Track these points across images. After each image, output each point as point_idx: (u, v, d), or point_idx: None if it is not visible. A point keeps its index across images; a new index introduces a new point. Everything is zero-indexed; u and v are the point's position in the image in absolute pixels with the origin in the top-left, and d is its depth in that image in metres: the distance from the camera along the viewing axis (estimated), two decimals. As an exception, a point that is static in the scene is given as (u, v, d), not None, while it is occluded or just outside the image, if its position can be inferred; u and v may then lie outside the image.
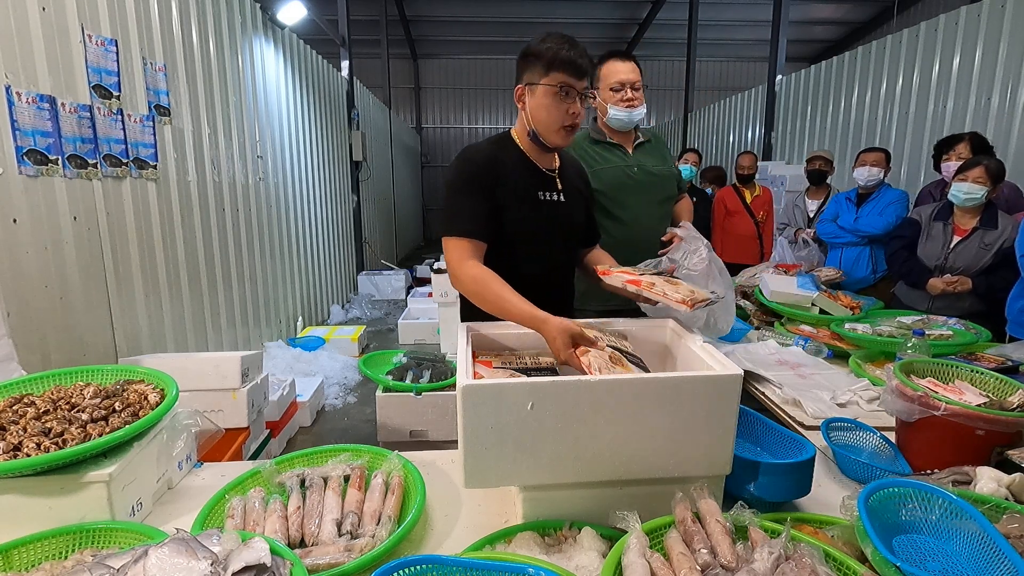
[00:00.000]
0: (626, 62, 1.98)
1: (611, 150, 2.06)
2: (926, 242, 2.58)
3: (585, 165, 2.00)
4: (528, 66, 1.40)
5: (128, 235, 2.68)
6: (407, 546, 1.00)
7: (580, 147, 2.06)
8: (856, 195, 3.27)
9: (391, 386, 3.19)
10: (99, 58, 2.49)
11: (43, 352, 2.15)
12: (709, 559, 0.82)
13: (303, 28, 5.52)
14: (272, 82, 4.57)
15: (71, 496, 1.00)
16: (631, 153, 2.08)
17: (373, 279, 7.10)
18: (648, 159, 2.10)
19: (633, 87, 1.98)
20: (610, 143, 2.06)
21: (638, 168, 2.06)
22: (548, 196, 1.49)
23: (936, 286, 2.44)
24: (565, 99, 1.38)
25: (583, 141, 2.09)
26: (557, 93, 1.36)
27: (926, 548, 0.89)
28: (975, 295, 2.40)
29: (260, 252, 4.26)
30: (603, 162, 2.04)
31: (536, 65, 1.38)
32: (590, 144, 2.08)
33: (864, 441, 1.37)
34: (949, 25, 4.50)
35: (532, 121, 1.42)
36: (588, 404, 0.92)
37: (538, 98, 1.39)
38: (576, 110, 1.40)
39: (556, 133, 1.41)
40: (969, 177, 2.43)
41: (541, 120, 1.40)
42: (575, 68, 1.36)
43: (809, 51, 13.10)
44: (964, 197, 2.44)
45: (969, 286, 2.38)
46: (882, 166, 3.17)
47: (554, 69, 1.35)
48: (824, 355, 2.10)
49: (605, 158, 2.05)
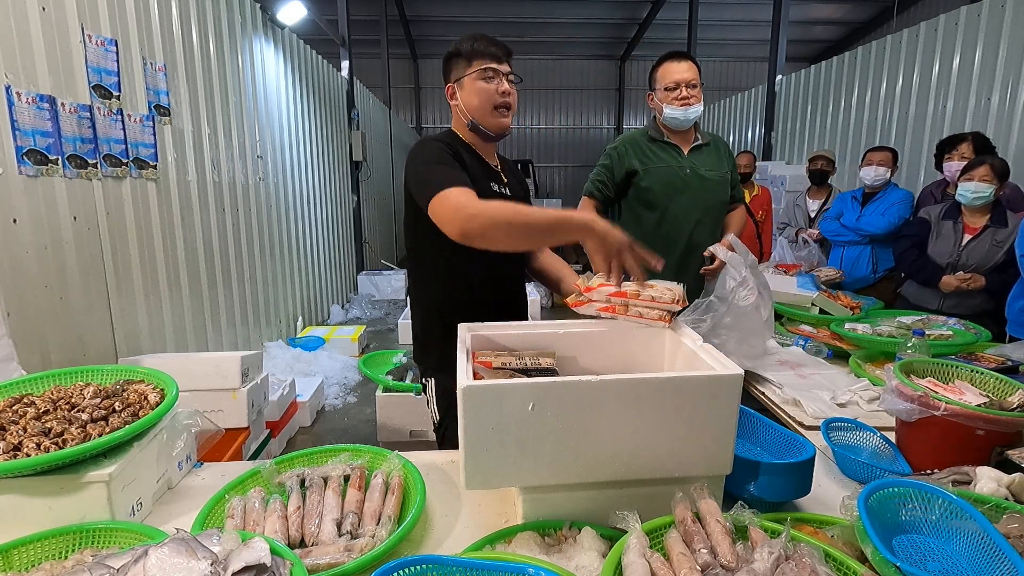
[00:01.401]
0: (681, 62, 2.02)
1: (666, 149, 2.08)
2: (936, 241, 2.58)
3: (638, 162, 2.04)
4: (452, 66, 1.50)
5: (128, 235, 2.68)
6: (407, 546, 1.00)
7: (636, 143, 2.09)
8: (862, 194, 3.27)
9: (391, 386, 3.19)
10: (99, 58, 2.49)
11: (43, 352, 2.15)
12: (709, 559, 0.82)
13: (303, 28, 5.52)
14: (272, 82, 4.57)
15: (71, 496, 1.00)
16: (686, 154, 2.08)
17: (373, 279, 7.10)
18: (704, 162, 2.10)
19: (689, 85, 2.00)
20: (666, 142, 2.09)
21: (690, 170, 2.07)
22: (498, 189, 1.54)
23: (950, 283, 2.44)
24: (491, 80, 1.45)
25: (641, 138, 2.11)
26: (482, 78, 1.44)
27: (926, 548, 0.89)
28: (987, 292, 2.40)
29: (260, 252, 4.26)
30: (656, 160, 2.06)
31: (459, 61, 1.48)
32: (647, 141, 2.11)
33: (864, 441, 1.37)
34: (949, 25, 4.49)
35: (468, 112, 1.49)
36: (589, 404, 0.92)
37: (467, 89, 1.47)
38: (505, 88, 1.46)
39: (491, 114, 1.47)
40: (975, 176, 2.43)
41: (475, 107, 1.47)
42: (492, 54, 1.45)
43: (809, 51, 13.10)
44: (972, 196, 2.44)
45: (983, 283, 2.38)
46: (889, 165, 3.17)
47: (475, 58, 1.45)
48: (824, 355, 2.10)
49: (659, 156, 2.07)
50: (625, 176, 2.09)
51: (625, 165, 2.08)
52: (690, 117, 2.04)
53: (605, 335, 1.26)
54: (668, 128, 2.10)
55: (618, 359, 1.25)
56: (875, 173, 3.15)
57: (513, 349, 1.24)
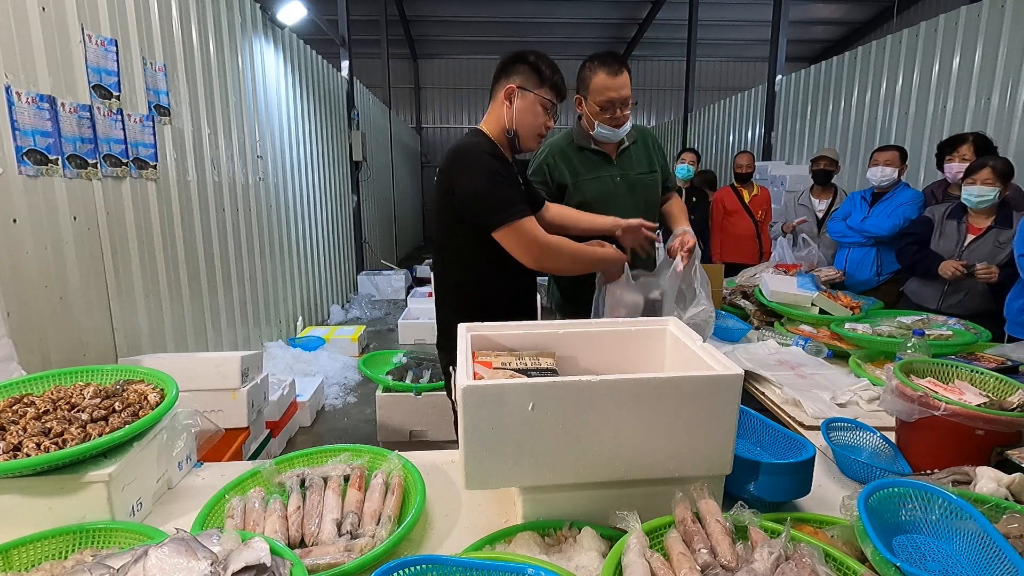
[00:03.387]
0: (617, 76, 1.82)
1: (595, 158, 2.02)
2: (939, 240, 2.57)
3: (569, 175, 2.00)
4: (524, 72, 1.53)
5: (128, 235, 2.68)
6: (407, 546, 1.00)
7: (565, 154, 2.01)
8: (871, 194, 3.23)
9: (391, 386, 3.19)
10: (99, 58, 2.49)
11: (43, 352, 2.15)
12: (709, 559, 0.82)
13: (303, 28, 5.52)
14: (272, 82, 4.57)
15: (71, 496, 1.00)
16: (615, 161, 2.05)
17: (373, 279, 7.10)
18: (632, 165, 2.05)
19: (623, 104, 1.85)
20: (594, 150, 2.02)
21: (620, 178, 2.02)
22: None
23: (948, 268, 2.42)
24: (546, 113, 1.57)
25: (568, 147, 2.03)
26: (545, 105, 1.55)
27: (926, 548, 0.89)
28: (989, 289, 2.40)
29: (260, 252, 4.26)
30: (587, 173, 2.01)
31: (533, 75, 1.53)
32: (575, 151, 2.03)
33: (864, 441, 1.37)
34: (949, 25, 4.49)
35: (515, 122, 1.55)
36: (588, 404, 0.92)
37: (529, 103, 1.53)
38: (551, 125, 1.62)
39: (534, 139, 1.60)
40: (977, 180, 2.42)
41: (526, 124, 1.56)
42: (559, 92, 1.58)
43: (809, 51, 13.10)
44: (976, 200, 2.43)
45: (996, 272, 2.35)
46: (896, 165, 3.11)
47: (548, 85, 1.54)
48: (824, 355, 2.10)
49: (589, 169, 2.02)
50: (558, 188, 2.02)
51: (556, 178, 2.01)
52: (620, 136, 1.95)
53: (605, 335, 1.26)
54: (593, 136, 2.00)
55: (618, 359, 1.25)
56: (881, 173, 3.11)
57: (513, 349, 1.24)
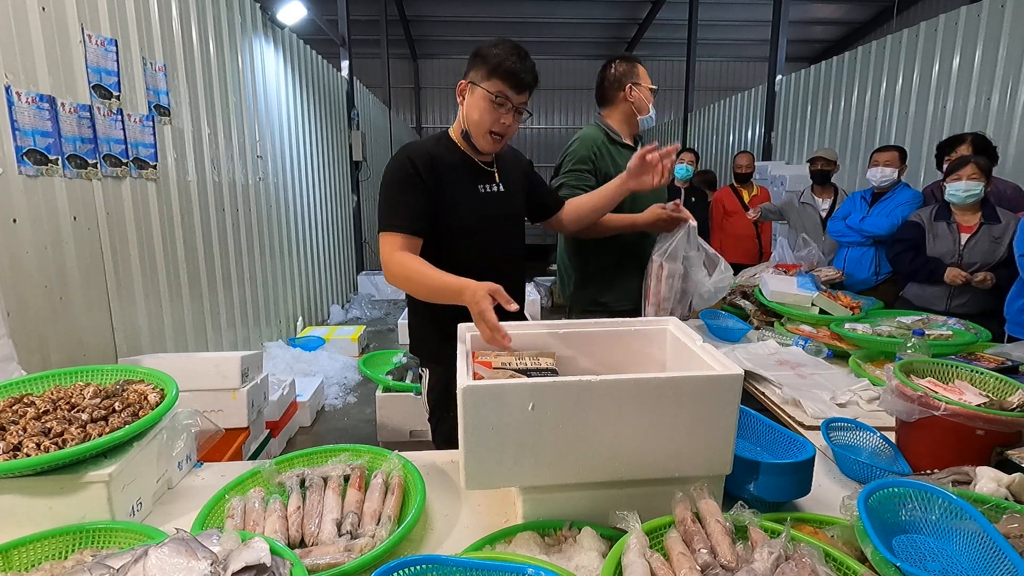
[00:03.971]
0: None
1: (624, 152, 2.08)
2: (935, 242, 2.59)
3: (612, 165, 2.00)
4: (475, 65, 1.44)
5: (128, 235, 2.68)
6: (407, 546, 1.00)
7: (605, 145, 2.06)
8: (872, 194, 3.25)
9: (391, 386, 3.20)
10: (99, 58, 2.49)
11: (43, 352, 2.15)
12: (709, 559, 0.82)
13: (303, 28, 5.52)
14: (272, 82, 4.56)
15: (71, 496, 1.00)
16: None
17: (373, 279, 7.10)
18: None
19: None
20: (624, 144, 2.09)
21: None
22: (487, 188, 1.54)
23: (957, 276, 2.44)
24: (499, 108, 1.42)
25: (603, 141, 2.07)
26: (493, 100, 1.41)
27: (926, 548, 0.89)
28: (997, 287, 2.42)
29: (260, 252, 4.26)
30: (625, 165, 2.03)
31: (481, 67, 1.42)
32: (609, 143, 2.08)
33: (864, 441, 1.37)
34: (949, 25, 4.49)
35: (465, 120, 1.48)
36: (589, 404, 0.92)
37: (475, 99, 1.44)
38: (508, 121, 1.44)
39: (483, 137, 1.46)
40: (963, 175, 2.47)
41: (473, 121, 1.45)
42: (516, 81, 1.40)
43: (809, 51, 13.10)
44: (965, 195, 2.46)
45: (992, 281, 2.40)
46: (896, 165, 3.13)
47: (496, 76, 1.40)
48: (824, 355, 2.10)
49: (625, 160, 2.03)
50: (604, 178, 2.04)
51: (601, 168, 2.03)
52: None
53: (605, 335, 1.26)
54: (627, 128, 2.11)
55: (618, 359, 1.25)
56: (881, 174, 3.12)
57: (513, 349, 1.24)
